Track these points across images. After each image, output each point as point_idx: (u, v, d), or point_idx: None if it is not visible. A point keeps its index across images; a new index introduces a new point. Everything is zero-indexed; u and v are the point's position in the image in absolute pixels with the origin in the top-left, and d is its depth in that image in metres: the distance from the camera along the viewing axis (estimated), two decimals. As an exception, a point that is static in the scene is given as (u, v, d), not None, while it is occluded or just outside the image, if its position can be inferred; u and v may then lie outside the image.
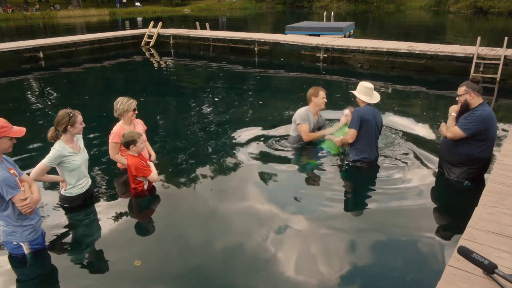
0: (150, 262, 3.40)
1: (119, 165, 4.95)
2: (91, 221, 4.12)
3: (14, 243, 3.29)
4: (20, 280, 3.28)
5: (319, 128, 5.70)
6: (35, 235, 3.36)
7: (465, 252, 2.20)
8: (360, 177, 4.90)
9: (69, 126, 3.80)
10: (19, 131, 3.10)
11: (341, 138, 5.03)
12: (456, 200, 4.46)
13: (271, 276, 3.23)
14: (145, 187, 4.44)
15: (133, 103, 4.65)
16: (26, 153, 5.49)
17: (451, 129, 4.30)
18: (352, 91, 5.01)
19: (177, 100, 9.52)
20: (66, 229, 3.90)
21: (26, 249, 3.33)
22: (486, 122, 4.18)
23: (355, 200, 4.55)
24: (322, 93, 5.52)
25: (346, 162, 5.06)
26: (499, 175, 3.67)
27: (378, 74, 12.00)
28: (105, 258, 3.52)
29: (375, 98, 4.93)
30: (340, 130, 5.30)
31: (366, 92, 4.89)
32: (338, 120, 6.98)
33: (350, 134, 4.87)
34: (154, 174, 4.38)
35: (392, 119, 7.01)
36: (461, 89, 4.28)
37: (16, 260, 3.36)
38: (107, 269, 3.38)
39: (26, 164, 5.06)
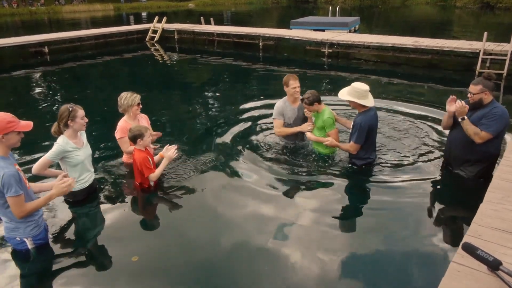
0: (148, 258, 3.43)
1: (123, 159, 4.97)
2: (94, 216, 4.14)
3: (18, 238, 3.31)
4: (24, 275, 3.31)
5: (304, 114, 5.22)
6: (38, 230, 3.38)
7: (469, 249, 2.20)
8: (363, 174, 4.86)
9: (69, 121, 3.81)
10: (27, 125, 3.13)
11: (333, 142, 4.77)
12: (460, 196, 4.43)
13: (273, 274, 3.23)
14: (151, 183, 4.45)
15: (137, 97, 4.66)
16: (29, 148, 5.52)
17: (480, 135, 4.12)
18: (343, 97, 4.58)
19: (181, 95, 9.52)
20: (69, 224, 3.93)
21: (29, 245, 3.36)
22: (506, 119, 4.14)
23: (359, 196, 4.53)
24: (292, 83, 5.07)
25: (350, 165, 4.89)
26: (504, 171, 3.65)
27: (383, 70, 11.93)
28: (106, 253, 3.54)
29: (371, 99, 4.58)
30: (317, 129, 5.05)
31: (363, 95, 4.50)
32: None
33: (354, 148, 4.66)
34: (153, 175, 4.34)
35: (396, 116, 6.97)
36: (477, 88, 4.13)
37: (20, 255, 3.39)
38: (107, 264, 3.41)
39: (29, 158, 5.11)
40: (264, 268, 3.28)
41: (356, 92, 4.50)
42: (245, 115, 7.21)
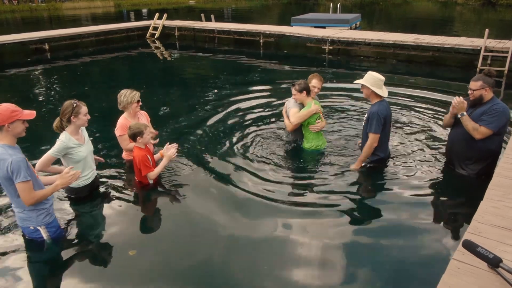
0: (146, 253, 3.49)
1: (123, 156, 4.97)
2: (96, 212, 4.16)
3: (31, 227, 3.39)
4: (35, 263, 3.41)
5: None
6: (50, 218, 3.47)
7: (470, 246, 2.20)
8: (366, 172, 4.85)
9: (72, 117, 3.82)
10: (30, 113, 3.20)
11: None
12: (461, 193, 4.43)
13: (272, 273, 3.24)
14: (151, 181, 4.45)
15: (136, 94, 4.65)
16: (31, 144, 5.52)
17: (479, 130, 4.13)
18: (359, 82, 4.54)
19: (181, 92, 9.51)
20: (71, 220, 3.95)
21: (43, 233, 3.43)
22: (507, 116, 4.15)
23: (359, 193, 4.52)
24: (314, 81, 5.12)
25: (364, 164, 4.78)
26: (505, 169, 3.64)
27: (384, 67, 11.90)
28: (106, 248, 3.60)
29: (385, 90, 4.56)
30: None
31: (379, 84, 4.45)
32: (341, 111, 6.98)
33: (374, 139, 4.51)
34: (152, 174, 4.35)
35: (397, 113, 6.96)
36: (477, 84, 4.14)
37: (35, 244, 3.47)
38: (106, 258, 3.49)
39: (31, 155, 5.09)
40: (263, 267, 3.29)
41: (373, 79, 4.45)
42: (246, 113, 7.20)
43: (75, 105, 3.82)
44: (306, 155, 5.21)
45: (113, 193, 4.44)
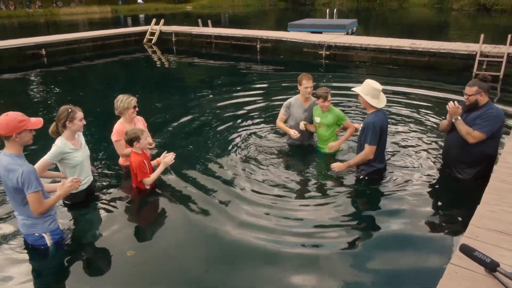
0: (144, 256, 3.53)
1: (120, 162, 4.96)
2: (93, 217, 4.14)
3: (36, 234, 3.38)
4: (39, 270, 3.42)
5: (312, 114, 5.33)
6: (55, 225, 3.48)
7: (467, 250, 2.20)
8: (365, 180, 4.84)
9: (67, 122, 3.81)
10: (37, 122, 3.18)
11: (339, 165, 4.63)
12: (458, 198, 4.44)
13: (270, 277, 3.23)
14: (147, 186, 4.44)
15: (133, 100, 4.65)
16: (27, 149, 5.48)
17: (472, 134, 4.13)
18: (356, 90, 4.47)
19: (178, 97, 9.50)
20: (69, 225, 3.94)
21: (48, 239, 3.42)
22: (501, 120, 4.18)
23: (356, 198, 4.52)
24: (305, 82, 5.12)
25: (362, 176, 4.66)
26: (502, 173, 3.66)
27: (381, 72, 11.95)
28: (104, 251, 3.61)
29: (383, 100, 4.39)
30: (326, 126, 5.14)
31: (375, 94, 4.30)
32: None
33: (371, 150, 4.37)
34: (148, 179, 4.35)
35: (393, 118, 6.97)
36: (472, 89, 4.16)
37: (38, 251, 3.46)
38: (104, 260, 3.51)
39: (27, 159, 5.08)
40: (260, 272, 3.29)
41: (368, 88, 4.33)
42: (243, 118, 7.20)
43: (70, 110, 3.82)
44: (310, 160, 5.19)
45: (110, 198, 4.42)
